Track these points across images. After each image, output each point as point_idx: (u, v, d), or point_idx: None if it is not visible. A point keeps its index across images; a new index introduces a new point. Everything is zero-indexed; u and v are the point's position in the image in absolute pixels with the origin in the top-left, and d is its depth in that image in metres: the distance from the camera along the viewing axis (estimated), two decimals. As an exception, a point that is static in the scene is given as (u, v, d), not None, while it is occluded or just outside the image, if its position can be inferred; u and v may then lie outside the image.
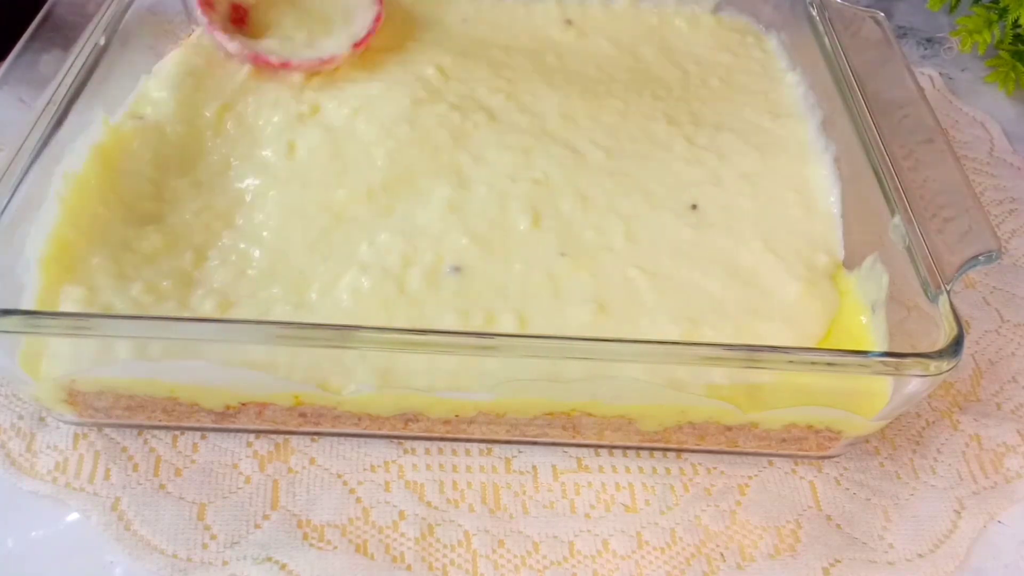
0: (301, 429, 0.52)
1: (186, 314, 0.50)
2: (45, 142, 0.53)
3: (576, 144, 0.62)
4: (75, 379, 0.49)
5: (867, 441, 0.55)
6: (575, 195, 0.59)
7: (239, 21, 0.64)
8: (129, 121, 0.59)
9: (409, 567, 0.48)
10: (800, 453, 0.54)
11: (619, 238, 0.57)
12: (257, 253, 0.54)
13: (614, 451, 0.54)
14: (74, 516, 0.49)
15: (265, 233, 0.55)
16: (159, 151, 0.58)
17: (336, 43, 0.64)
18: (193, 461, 0.52)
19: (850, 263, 0.57)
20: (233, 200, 0.57)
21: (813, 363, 0.46)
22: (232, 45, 0.62)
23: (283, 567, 0.48)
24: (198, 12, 0.63)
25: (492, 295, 0.53)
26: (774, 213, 0.60)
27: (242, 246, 0.55)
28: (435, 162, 0.59)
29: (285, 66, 0.62)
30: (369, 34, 0.65)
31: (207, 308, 0.51)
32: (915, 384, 0.47)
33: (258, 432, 0.53)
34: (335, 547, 0.49)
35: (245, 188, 0.58)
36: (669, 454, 0.54)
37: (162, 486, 0.50)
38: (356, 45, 0.64)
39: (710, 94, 0.68)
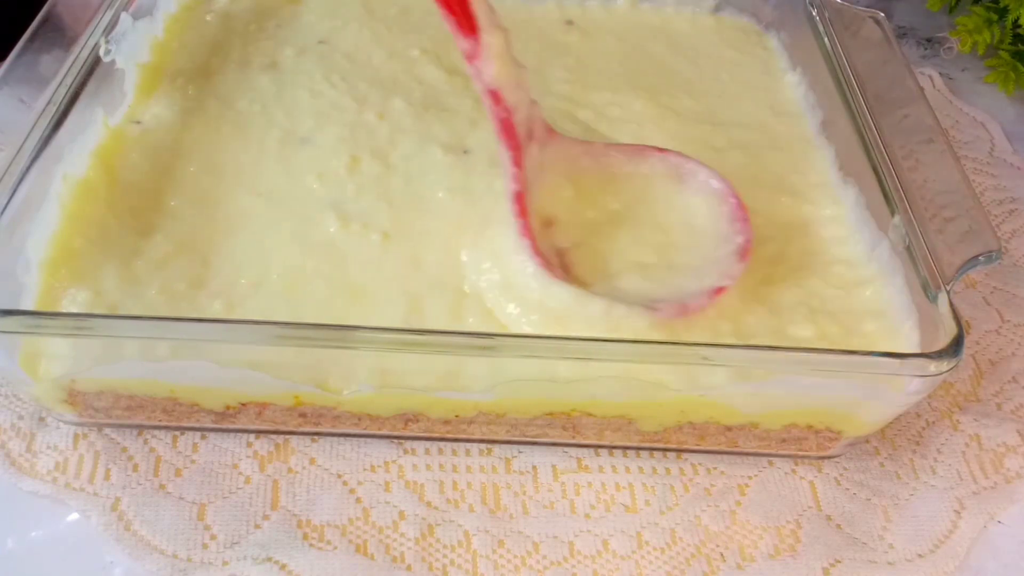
0: (301, 429, 0.52)
1: (194, 315, 0.50)
2: (45, 142, 0.53)
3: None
4: (75, 379, 0.49)
5: (867, 441, 0.55)
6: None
7: (564, 268, 0.52)
8: (129, 125, 0.59)
9: (409, 567, 0.48)
10: (800, 453, 0.54)
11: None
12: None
13: (614, 451, 0.54)
14: (74, 516, 0.49)
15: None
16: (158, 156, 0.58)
17: (699, 254, 0.52)
18: (193, 461, 0.52)
19: (850, 263, 0.57)
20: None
21: (813, 363, 0.46)
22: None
23: (283, 567, 0.48)
24: (544, 274, 0.50)
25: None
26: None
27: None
28: None
29: (684, 312, 0.49)
30: (747, 237, 0.52)
31: (216, 308, 0.50)
32: (915, 384, 0.47)
33: (258, 432, 0.53)
34: (335, 547, 0.49)
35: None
36: (669, 454, 0.54)
37: (162, 486, 0.50)
38: (742, 255, 0.52)
39: (722, 89, 0.68)
